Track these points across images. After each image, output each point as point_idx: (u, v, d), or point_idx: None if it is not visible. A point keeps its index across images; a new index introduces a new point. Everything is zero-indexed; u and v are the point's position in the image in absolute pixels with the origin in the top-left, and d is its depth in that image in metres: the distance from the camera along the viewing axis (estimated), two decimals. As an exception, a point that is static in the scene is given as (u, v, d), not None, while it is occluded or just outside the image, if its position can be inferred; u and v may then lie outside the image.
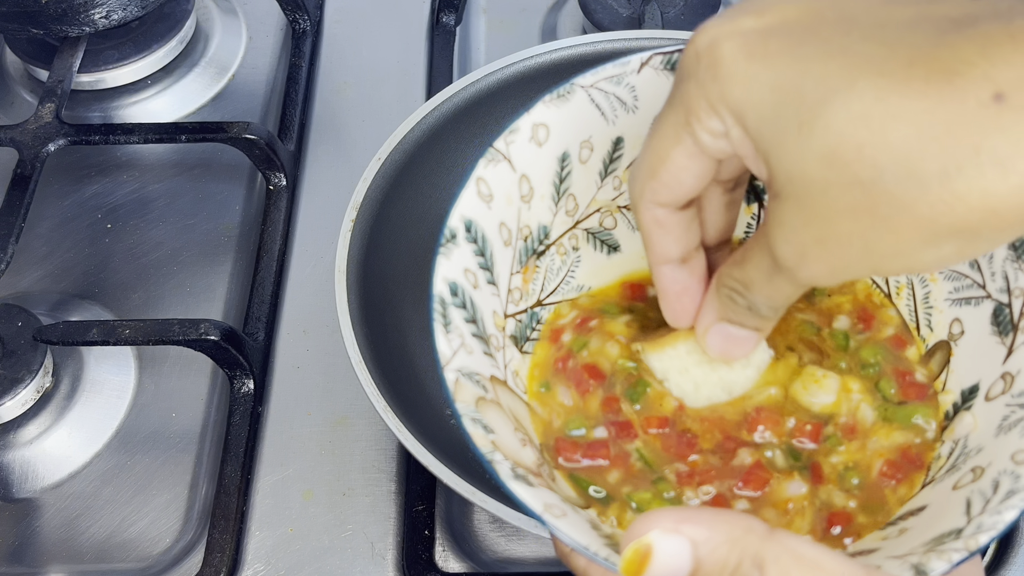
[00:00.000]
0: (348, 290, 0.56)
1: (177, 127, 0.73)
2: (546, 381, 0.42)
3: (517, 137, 0.41)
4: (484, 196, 0.40)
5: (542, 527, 0.47)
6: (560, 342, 0.43)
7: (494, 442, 0.35)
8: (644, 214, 0.37)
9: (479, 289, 0.39)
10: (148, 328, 0.60)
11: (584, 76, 0.42)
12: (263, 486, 0.59)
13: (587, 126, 0.43)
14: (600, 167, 0.44)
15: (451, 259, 0.38)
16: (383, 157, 0.62)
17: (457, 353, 0.37)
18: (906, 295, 0.44)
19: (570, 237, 0.45)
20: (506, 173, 0.41)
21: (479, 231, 0.40)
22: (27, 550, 0.58)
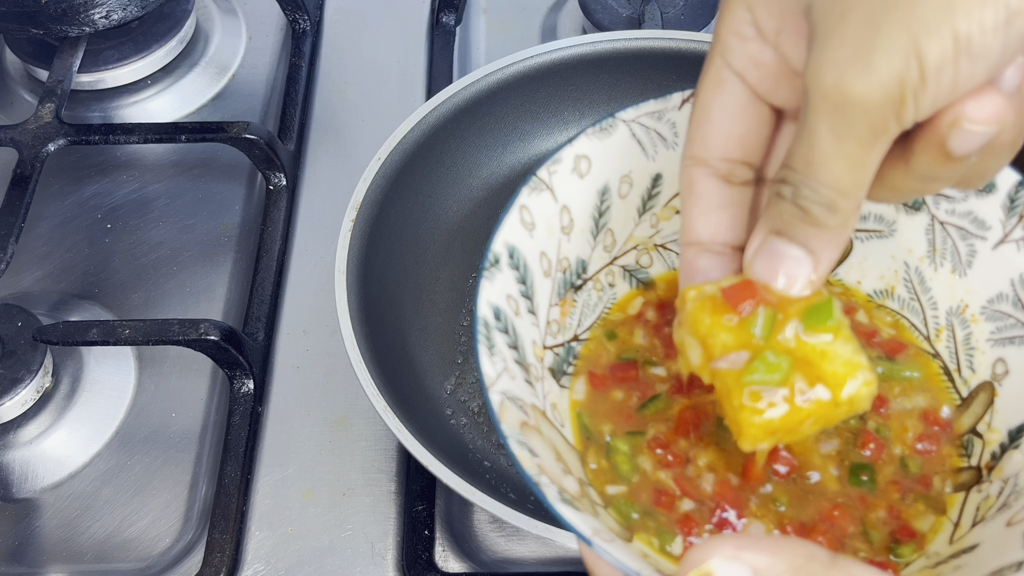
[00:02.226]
0: (348, 290, 0.56)
1: (177, 127, 0.73)
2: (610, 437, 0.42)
3: (560, 167, 0.41)
4: (527, 224, 0.40)
5: (542, 528, 0.48)
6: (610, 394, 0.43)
7: (540, 466, 0.35)
8: (682, 177, 0.37)
9: (520, 317, 0.39)
10: (148, 328, 0.60)
11: (627, 111, 0.42)
12: (263, 486, 0.59)
13: (628, 160, 0.43)
14: (638, 203, 0.44)
15: (494, 283, 0.38)
16: (383, 157, 0.62)
17: (501, 376, 0.36)
18: (946, 337, 0.44)
19: (607, 273, 0.45)
20: (548, 203, 0.41)
21: (521, 258, 0.40)
22: (27, 550, 0.58)
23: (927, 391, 0.43)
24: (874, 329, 0.45)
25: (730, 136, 0.36)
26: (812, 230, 0.34)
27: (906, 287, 0.45)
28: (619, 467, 0.40)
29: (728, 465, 0.40)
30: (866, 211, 0.45)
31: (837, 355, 0.35)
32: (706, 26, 0.77)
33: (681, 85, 0.69)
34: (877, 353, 0.44)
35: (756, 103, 0.36)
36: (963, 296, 0.43)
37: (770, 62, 0.36)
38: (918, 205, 0.44)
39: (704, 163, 0.37)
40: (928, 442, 0.41)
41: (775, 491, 0.40)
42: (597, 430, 0.41)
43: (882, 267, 0.46)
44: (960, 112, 0.32)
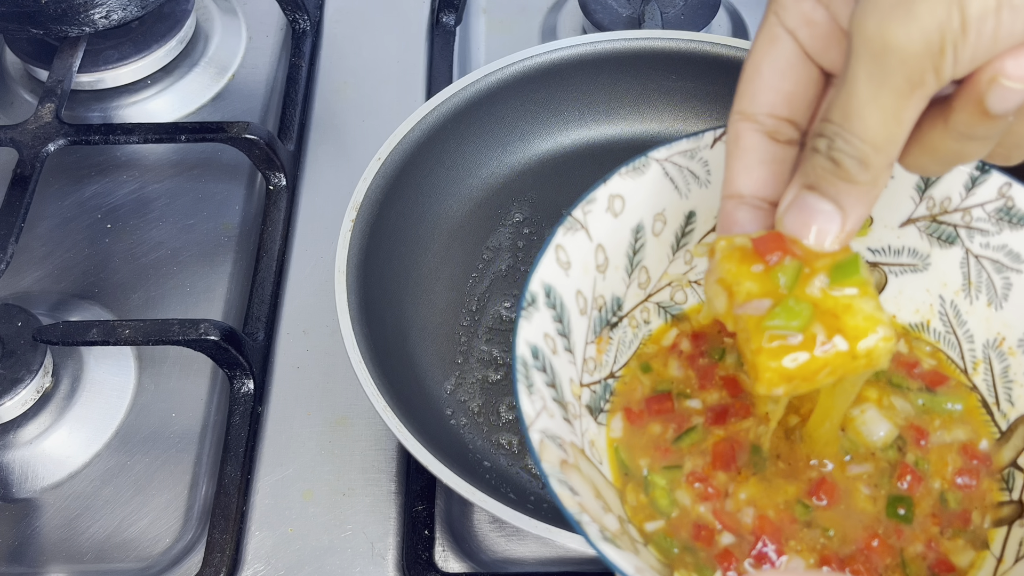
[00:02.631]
0: (348, 290, 0.56)
1: (177, 127, 0.73)
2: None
3: (594, 207, 0.42)
4: (562, 263, 0.40)
5: (542, 528, 0.48)
6: (647, 429, 0.43)
7: (580, 504, 0.35)
8: (729, 130, 0.38)
9: (557, 355, 0.40)
10: (148, 328, 0.60)
11: (659, 150, 0.42)
12: (263, 486, 0.59)
13: (661, 199, 0.43)
14: (672, 240, 0.45)
15: (532, 323, 0.38)
16: (383, 157, 0.62)
17: (540, 415, 0.37)
18: (983, 370, 0.44)
19: (642, 310, 0.45)
20: (583, 242, 0.41)
21: (558, 297, 0.40)
22: (27, 550, 0.58)
23: (967, 424, 0.43)
24: (915, 360, 0.45)
25: (779, 92, 0.37)
26: (843, 185, 0.35)
27: (942, 320, 0.45)
28: (657, 502, 0.40)
29: (769, 498, 0.40)
30: (900, 245, 0.45)
31: (859, 309, 0.35)
32: (706, 26, 0.77)
33: (681, 85, 0.70)
34: (918, 385, 0.44)
35: (806, 62, 0.37)
36: (1000, 329, 0.43)
37: (821, 21, 0.36)
38: (952, 239, 0.44)
39: (751, 118, 0.38)
40: (968, 476, 0.41)
41: (815, 516, 0.40)
42: (635, 465, 0.42)
43: (917, 301, 0.46)
44: (999, 68, 0.32)
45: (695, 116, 0.70)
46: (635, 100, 0.70)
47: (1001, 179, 0.42)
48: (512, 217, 0.68)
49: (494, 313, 0.64)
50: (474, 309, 0.64)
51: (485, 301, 0.64)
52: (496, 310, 0.64)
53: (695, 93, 0.70)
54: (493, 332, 0.63)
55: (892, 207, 0.44)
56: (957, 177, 0.42)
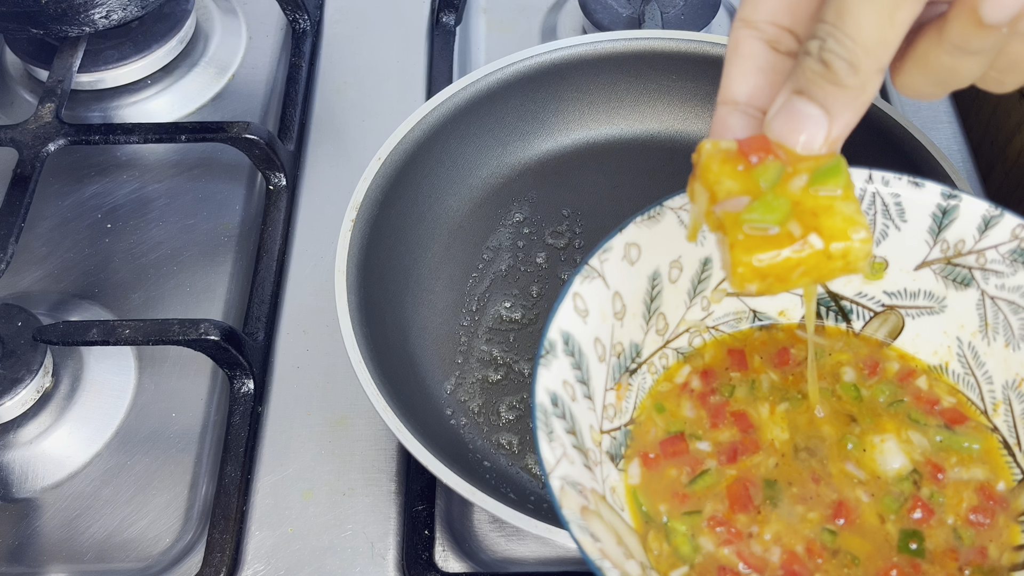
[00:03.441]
0: (348, 290, 0.56)
1: (177, 127, 0.73)
2: None
3: (611, 255, 0.42)
4: (580, 311, 0.41)
5: (542, 528, 0.48)
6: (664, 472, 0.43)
7: (602, 551, 0.35)
8: (730, 37, 0.38)
9: (577, 402, 0.40)
10: (148, 328, 0.60)
11: (674, 199, 0.42)
12: (263, 486, 0.59)
13: (677, 246, 0.44)
14: (689, 287, 0.45)
15: (551, 370, 0.39)
16: (383, 157, 0.62)
17: (560, 462, 0.37)
18: (1003, 411, 0.44)
19: (660, 356, 0.46)
20: (600, 290, 0.41)
21: (576, 345, 0.40)
22: (27, 550, 0.58)
23: (985, 464, 0.43)
24: (935, 398, 0.45)
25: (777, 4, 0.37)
26: (832, 88, 0.34)
27: (960, 362, 0.45)
28: (680, 549, 0.40)
29: (794, 531, 0.40)
30: (915, 288, 0.45)
31: (838, 211, 0.35)
32: (706, 26, 0.77)
33: (681, 85, 0.70)
34: (937, 421, 0.44)
35: None
36: (1018, 370, 0.43)
37: None
38: (967, 281, 0.44)
39: (753, 25, 0.37)
40: (982, 515, 0.41)
41: (840, 543, 0.40)
42: (655, 511, 0.42)
43: (935, 343, 0.46)
44: None
45: (695, 116, 0.70)
46: (635, 100, 0.70)
47: (1014, 220, 0.42)
48: (512, 217, 0.68)
49: (494, 313, 0.64)
50: (474, 309, 0.64)
51: (485, 301, 0.64)
52: (496, 310, 0.64)
53: (695, 93, 0.70)
54: (493, 332, 0.63)
55: (907, 250, 0.44)
56: (970, 219, 0.42)
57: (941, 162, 0.59)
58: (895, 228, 0.44)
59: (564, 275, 0.65)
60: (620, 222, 0.43)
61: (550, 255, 0.66)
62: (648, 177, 0.69)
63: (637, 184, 0.69)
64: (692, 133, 0.71)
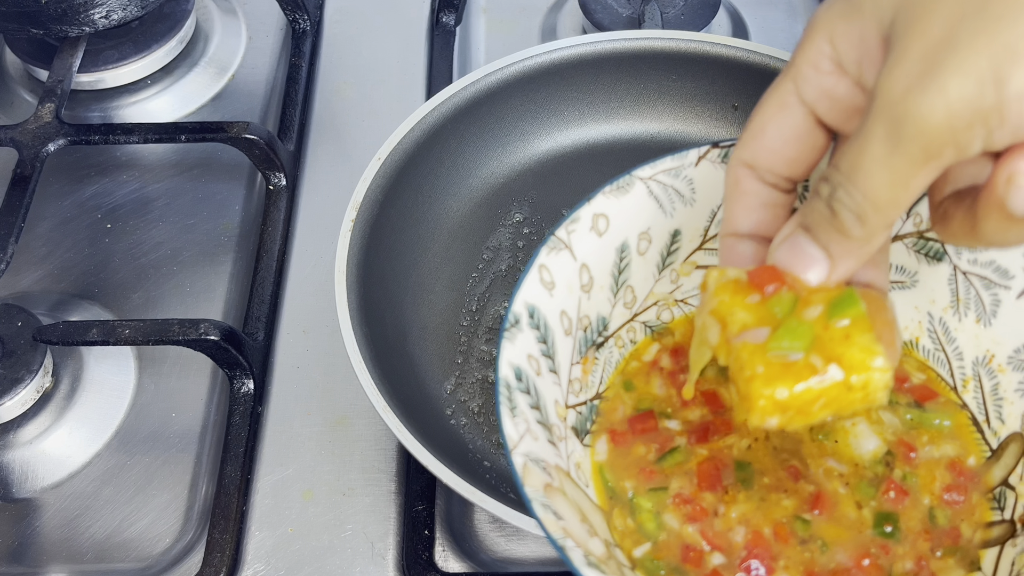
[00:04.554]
0: (348, 290, 0.56)
1: (177, 127, 0.73)
2: None
3: (578, 226, 0.41)
4: (546, 283, 0.40)
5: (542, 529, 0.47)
6: (631, 450, 0.43)
7: (564, 529, 0.35)
8: (729, 173, 0.38)
9: (542, 376, 0.39)
10: (148, 328, 0.60)
11: (643, 168, 0.42)
12: (263, 486, 0.59)
13: (645, 218, 0.43)
14: (658, 259, 0.45)
15: (515, 344, 0.38)
16: (383, 157, 0.62)
17: (523, 438, 0.36)
18: (973, 387, 0.43)
19: (628, 329, 0.45)
20: (567, 262, 0.41)
21: (541, 318, 0.40)
22: (27, 550, 0.58)
23: (956, 440, 0.43)
24: (904, 375, 0.45)
25: (781, 157, 0.37)
26: (836, 235, 0.34)
27: (930, 338, 0.45)
28: (644, 525, 0.40)
29: (765, 514, 0.40)
30: None
31: (855, 341, 0.35)
32: (706, 26, 0.77)
33: (681, 85, 0.70)
34: (907, 399, 0.44)
35: (815, 131, 0.37)
36: (989, 346, 0.43)
37: (844, 95, 0.35)
38: (939, 255, 0.44)
39: (752, 167, 0.37)
40: (956, 493, 0.41)
41: (811, 532, 0.40)
42: (620, 488, 0.41)
43: (905, 318, 0.45)
44: (1014, 168, 0.31)
45: (695, 116, 0.70)
46: (635, 100, 0.70)
47: None
48: (512, 217, 0.68)
49: (494, 313, 0.64)
50: (474, 309, 0.64)
51: (485, 301, 0.64)
52: (496, 310, 0.64)
53: (695, 93, 0.70)
54: (493, 332, 0.63)
55: None
56: None
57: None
58: None
59: (564, 275, 0.65)
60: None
61: (550, 255, 0.66)
62: (648, 177, 0.69)
63: (637, 184, 0.69)
64: (692, 133, 0.71)
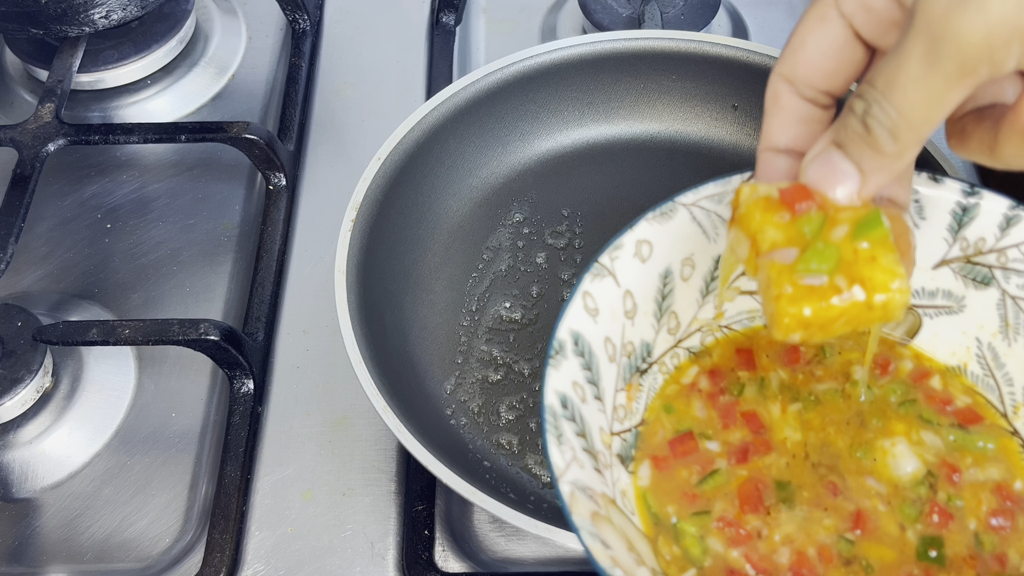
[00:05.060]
0: (348, 290, 0.56)
1: (177, 127, 0.73)
2: None
3: (621, 253, 0.41)
4: (590, 310, 0.40)
5: (542, 528, 0.48)
6: (674, 473, 0.43)
7: (613, 558, 0.35)
8: (769, 88, 0.39)
9: (587, 404, 0.39)
10: (148, 328, 0.60)
11: (686, 195, 0.42)
12: (263, 486, 0.59)
13: (689, 243, 0.43)
14: (701, 285, 0.45)
15: (560, 371, 0.38)
16: (383, 157, 0.62)
17: (570, 466, 0.36)
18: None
19: (671, 355, 0.45)
20: (611, 288, 0.41)
21: (586, 345, 0.40)
22: (27, 550, 0.58)
23: (1001, 463, 0.42)
24: (948, 397, 0.44)
25: (819, 70, 0.38)
26: (868, 151, 0.35)
27: (979, 363, 0.44)
28: (689, 551, 0.40)
29: (807, 534, 0.40)
30: (934, 287, 0.45)
31: (879, 263, 0.36)
32: (706, 26, 0.77)
33: (681, 85, 0.70)
34: (949, 421, 0.43)
35: (853, 44, 0.37)
36: None
37: (882, 8, 0.36)
38: (987, 280, 0.43)
39: (790, 82, 0.38)
40: (1003, 518, 0.40)
41: (855, 552, 0.40)
42: (663, 513, 0.41)
43: (953, 344, 0.45)
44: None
45: (695, 116, 0.70)
46: (635, 100, 0.70)
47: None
48: (512, 217, 0.68)
49: (494, 313, 0.64)
50: (474, 309, 0.64)
51: (485, 301, 0.64)
52: (496, 310, 0.64)
53: (695, 93, 0.70)
54: (493, 332, 0.63)
55: (925, 249, 0.44)
56: (991, 217, 0.42)
57: (941, 162, 0.59)
58: (912, 226, 0.43)
59: (564, 275, 0.65)
60: (620, 222, 0.43)
61: (550, 255, 0.66)
62: (648, 177, 0.69)
63: (637, 184, 0.69)
64: (692, 133, 0.71)
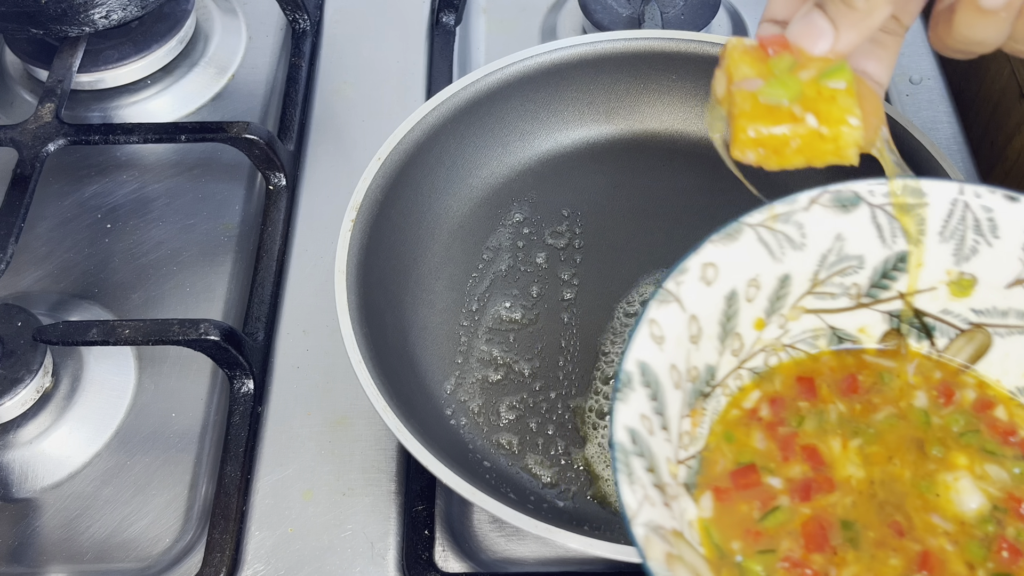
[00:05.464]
0: (348, 290, 0.56)
1: (177, 127, 0.73)
2: None
3: (687, 277, 0.41)
4: (656, 338, 0.39)
5: (542, 528, 0.48)
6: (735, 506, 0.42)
7: None
8: None
9: (654, 435, 0.38)
10: (148, 328, 0.60)
11: (752, 215, 0.42)
12: (263, 486, 0.59)
13: (754, 264, 0.42)
14: (766, 305, 0.44)
15: (629, 405, 0.37)
16: (383, 157, 0.62)
17: (642, 506, 0.36)
18: None
19: (735, 377, 0.44)
20: (676, 314, 0.40)
21: (652, 374, 0.39)
22: (27, 550, 0.58)
23: None
24: (1012, 427, 0.43)
25: None
26: (843, 8, 0.41)
27: None
28: None
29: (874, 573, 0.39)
30: (1006, 307, 0.44)
31: (838, 102, 0.40)
32: (706, 26, 0.77)
33: (681, 85, 0.70)
34: (1014, 452, 0.42)
35: None
36: None
37: None
38: None
39: None
40: None
41: None
42: (728, 548, 0.40)
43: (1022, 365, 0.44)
44: None
45: (695, 116, 0.70)
46: (635, 100, 0.70)
47: None
48: (512, 217, 0.68)
49: (494, 313, 0.64)
50: (474, 309, 0.64)
51: (485, 301, 0.64)
52: (496, 310, 0.64)
53: (695, 93, 0.70)
54: (493, 332, 0.63)
55: (998, 267, 0.43)
56: None
57: (941, 162, 0.59)
58: (986, 244, 0.42)
59: (564, 275, 0.65)
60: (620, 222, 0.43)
61: (550, 255, 0.66)
62: (648, 177, 0.69)
63: (637, 184, 0.69)
64: (692, 133, 0.71)
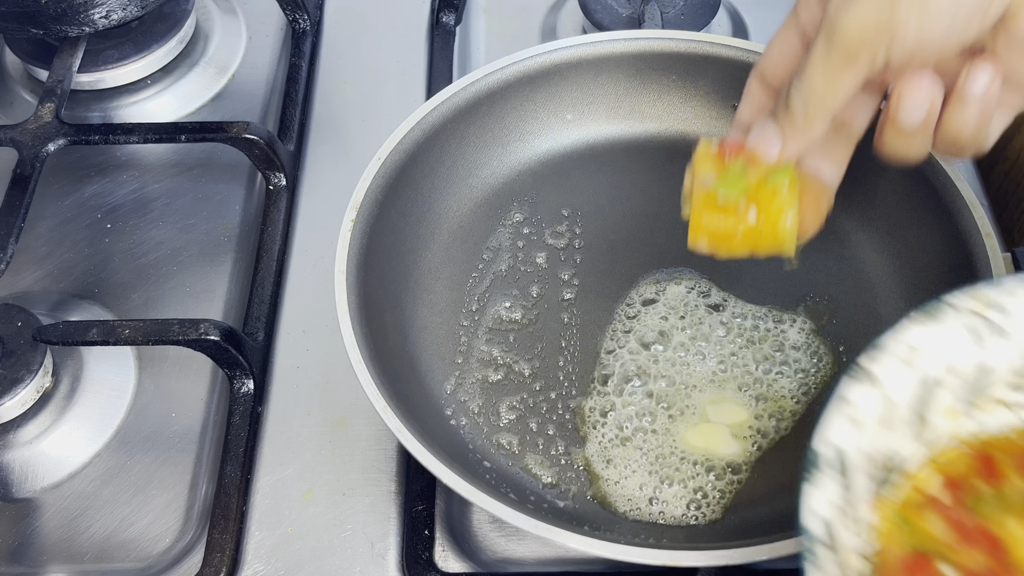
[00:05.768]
0: (348, 290, 0.56)
1: (177, 127, 0.73)
2: None
3: (884, 356, 0.39)
4: (851, 420, 0.38)
5: (542, 528, 0.48)
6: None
7: None
8: (747, 83, 0.52)
9: (845, 526, 0.37)
10: (148, 328, 0.60)
11: (956, 295, 0.40)
12: (263, 486, 0.59)
13: (954, 349, 0.41)
14: (963, 394, 0.42)
15: (820, 490, 0.36)
16: (383, 157, 0.62)
17: None
18: None
19: (923, 468, 0.42)
20: (870, 395, 0.39)
21: (843, 457, 0.37)
22: (27, 550, 0.58)
23: None
24: None
25: (780, 66, 0.50)
26: (787, 120, 0.46)
27: None
28: None
29: None
30: None
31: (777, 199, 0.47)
32: (706, 26, 0.77)
33: (681, 85, 0.70)
34: None
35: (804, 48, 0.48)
36: None
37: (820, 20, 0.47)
38: None
39: (762, 76, 0.51)
40: None
41: None
42: None
43: None
44: (901, 88, 0.43)
45: (695, 116, 0.70)
46: (635, 100, 0.70)
47: None
48: (512, 217, 0.68)
49: (494, 313, 0.64)
50: (474, 309, 0.64)
51: (485, 301, 0.64)
52: (496, 310, 0.64)
53: (695, 93, 0.70)
54: (493, 332, 0.63)
55: None
56: None
57: (941, 162, 0.59)
58: None
59: (564, 275, 0.65)
60: (620, 222, 0.43)
61: (550, 255, 0.66)
62: (648, 177, 0.69)
63: (637, 184, 0.69)
64: (692, 133, 0.71)
